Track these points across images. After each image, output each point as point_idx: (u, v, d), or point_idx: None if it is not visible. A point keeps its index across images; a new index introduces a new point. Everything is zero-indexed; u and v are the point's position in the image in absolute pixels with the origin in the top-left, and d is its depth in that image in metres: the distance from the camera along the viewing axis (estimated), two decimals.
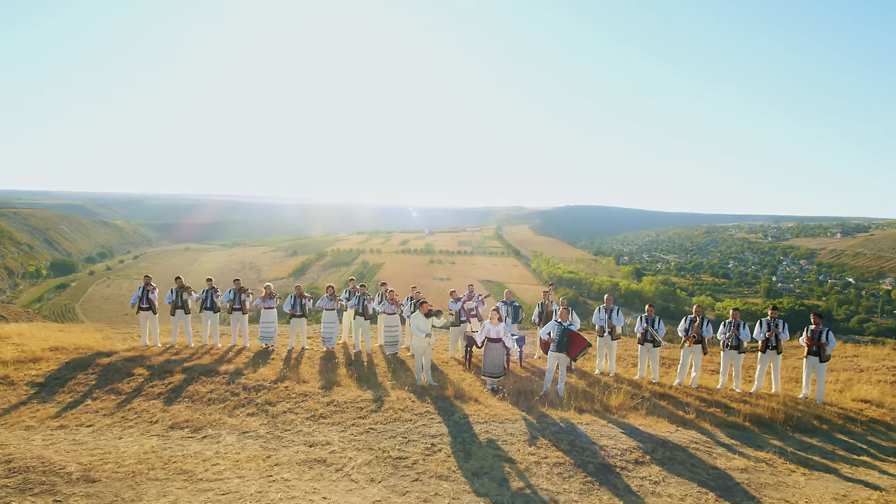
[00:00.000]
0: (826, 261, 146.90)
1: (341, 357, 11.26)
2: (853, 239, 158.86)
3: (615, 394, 8.42)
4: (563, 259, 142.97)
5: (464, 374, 10.21)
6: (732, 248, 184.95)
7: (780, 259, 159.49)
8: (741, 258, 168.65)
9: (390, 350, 11.85)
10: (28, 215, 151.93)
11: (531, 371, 10.86)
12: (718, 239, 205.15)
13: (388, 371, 10.09)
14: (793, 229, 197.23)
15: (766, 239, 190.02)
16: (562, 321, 8.94)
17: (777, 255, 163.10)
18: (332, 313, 12.26)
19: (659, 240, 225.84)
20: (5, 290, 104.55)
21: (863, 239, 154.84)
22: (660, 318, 10.09)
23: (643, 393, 9.03)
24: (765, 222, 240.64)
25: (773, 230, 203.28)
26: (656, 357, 10.16)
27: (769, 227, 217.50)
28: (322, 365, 10.29)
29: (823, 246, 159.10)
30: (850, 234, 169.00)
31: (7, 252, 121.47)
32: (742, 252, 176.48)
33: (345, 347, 12.46)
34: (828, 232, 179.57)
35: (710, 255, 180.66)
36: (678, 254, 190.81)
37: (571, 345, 8.61)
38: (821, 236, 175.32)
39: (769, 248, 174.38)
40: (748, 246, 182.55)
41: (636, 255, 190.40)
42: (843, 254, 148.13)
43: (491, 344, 8.91)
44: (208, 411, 7.46)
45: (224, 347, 11.92)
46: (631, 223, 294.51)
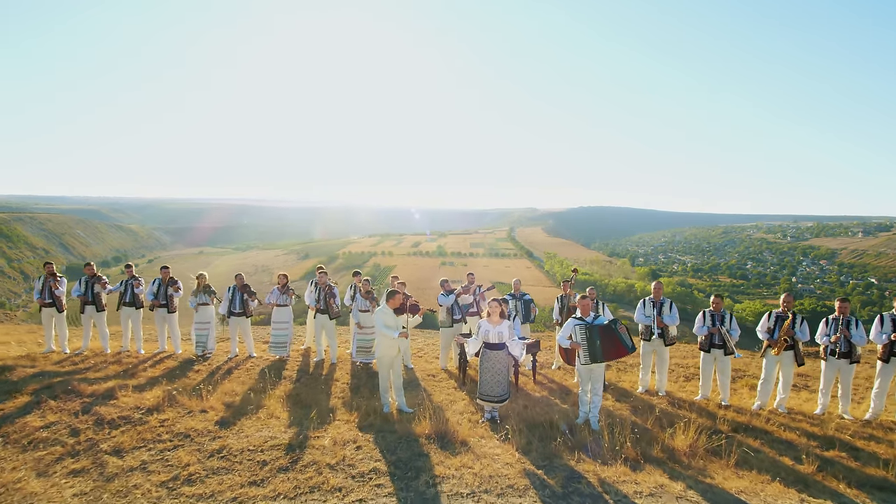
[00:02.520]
0: (847, 261, 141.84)
1: (293, 369, 8.46)
2: (875, 238, 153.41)
3: (680, 428, 5.43)
4: (578, 261, 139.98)
5: (455, 393, 7.38)
6: (750, 249, 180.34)
7: (800, 259, 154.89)
8: (759, 259, 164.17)
9: (362, 358, 9.01)
10: (44, 220, 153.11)
11: (548, 387, 7.91)
12: (736, 239, 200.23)
13: (348, 390, 7.22)
14: (812, 229, 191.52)
15: (784, 239, 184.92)
16: (584, 316, 6.00)
17: (797, 256, 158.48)
18: (284, 311, 9.44)
19: (675, 241, 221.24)
20: (20, 294, 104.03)
21: (885, 238, 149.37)
22: (732, 315, 7.11)
23: (718, 425, 6.02)
24: (783, 222, 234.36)
25: (791, 230, 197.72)
26: (727, 369, 7.26)
27: (788, 226, 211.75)
28: (257, 381, 7.50)
29: (844, 246, 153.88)
30: (871, 233, 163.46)
31: (23, 256, 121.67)
32: (760, 252, 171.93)
33: (307, 355, 9.62)
34: (849, 231, 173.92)
35: (728, 256, 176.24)
36: (695, 255, 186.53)
37: (608, 346, 5.74)
38: (841, 236, 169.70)
39: (788, 248, 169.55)
40: (766, 246, 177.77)
41: (651, 257, 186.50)
42: (865, 254, 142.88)
43: (490, 353, 6.05)
44: (10, 464, 4.60)
45: (147, 354, 9.24)
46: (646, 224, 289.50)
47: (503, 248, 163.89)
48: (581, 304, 6.33)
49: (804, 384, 8.95)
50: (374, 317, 6.58)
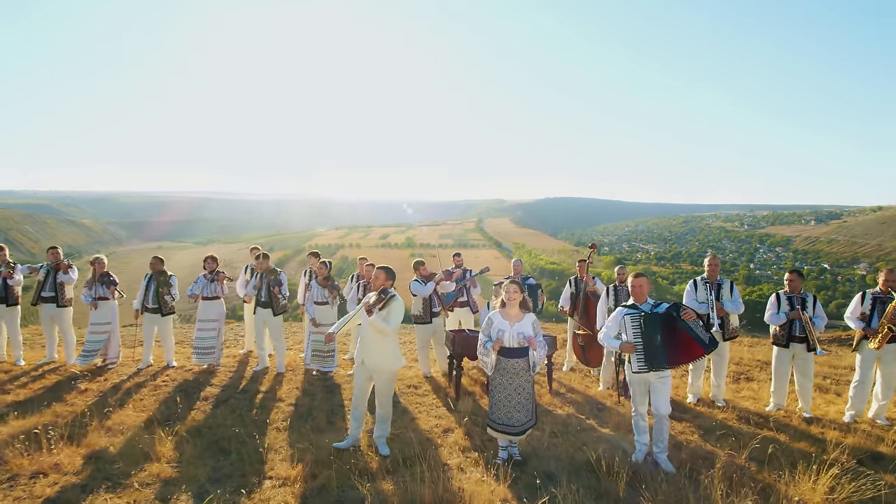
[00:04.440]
0: (801, 247, 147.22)
1: (220, 384, 6.19)
2: (827, 226, 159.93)
3: (801, 468, 3.50)
4: (545, 250, 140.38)
5: (447, 415, 5.20)
6: (710, 237, 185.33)
7: (757, 247, 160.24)
8: (719, 246, 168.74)
9: (319, 366, 6.82)
10: None
11: (570, 399, 5.92)
12: (696, 228, 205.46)
13: (294, 415, 5.05)
14: (768, 217, 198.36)
15: (742, 227, 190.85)
16: (639, 303, 3.98)
17: (754, 243, 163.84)
18: (213, 306, 7.12)
19: (638, 230, 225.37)
20: None
21: (836, 226, 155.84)
22: (816, 299, 5.25)
23: (832, 452, 4.12)
24: (741, 211, 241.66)
25: (748, 219, 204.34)
26: (809, 370, 5.42)
27: (745, 215, 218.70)
28: (164, 405, 5.21)
29: (798, 233, 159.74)
30: (823, 221, 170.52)
31: None
32: (720, 240, 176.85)
33: (246, 363, 7.34)
34: (802, 219, 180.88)
35: (689, 244, 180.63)
36: (657, 243, 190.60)
37: (674, 344, 4.12)
38: (795, 224, 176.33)
39: (746, 236, 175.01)
40: (725, 234, 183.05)
41: (616, 246, 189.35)
42: (818, 240, 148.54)
43: (506, 363, 4.01)
44: None
45: (28, 366, 6.86)
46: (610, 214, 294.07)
47: (472, 239, 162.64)
48: (635, 287, 4.30)
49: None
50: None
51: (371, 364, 4.40)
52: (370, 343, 4.36)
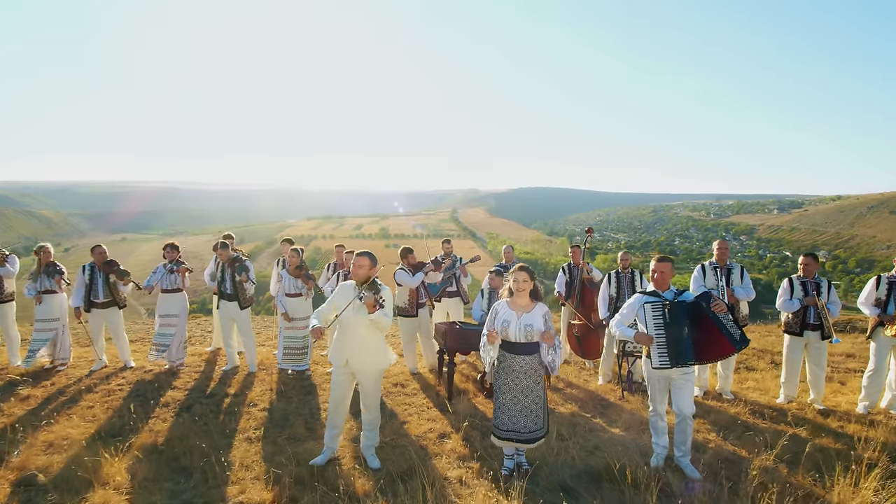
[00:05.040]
0: (765, 236, 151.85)
1: (185, 386, 5.54)
2: (789, 214, 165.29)
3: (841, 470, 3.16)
4: (519, 240, 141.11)
5: (440, 417, 4.69)
6: (678, 226, 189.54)
7: (723, 235, 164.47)
8: (686, 235, 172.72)
9: (293, 365, 6.21)
10: None
11: (571, 396, 5.49)
12: (665, 217, 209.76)
13: (267, 422, 4.46)
14: (733, 207, 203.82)
15: (709, 216, 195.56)
16: (661, 290, 3.60)
17: (719, 232, 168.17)
18: (174, 299, 6.42)
19: (608, 219, 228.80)
20: None
21: (798, 214, 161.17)
22: (831, 285, 4.94)
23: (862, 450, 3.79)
24: (707, 200, 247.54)
25: (714, 208, 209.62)
26: (823, 358, 5.13)
27: (711, 205, 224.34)
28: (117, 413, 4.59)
29: (762, 222, 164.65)
30: (785, 209, 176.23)
31: None
32: (687, 229, 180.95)
33: (214, 361, 6.69)
34: (765, 208, 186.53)
35: (658, 233, 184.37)
36: (627, 232, 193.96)
37: (703, 339, 3.68)
38: (759, 212, 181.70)
39: (712, 224, 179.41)
40: (692, 223, 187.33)
41: None
42: (780, 229, 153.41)
43: (512, 359, 3.61)
44: None
45: None
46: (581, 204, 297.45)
47: (447, 229, 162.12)
48: (657, 272, 3.84)
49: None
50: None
51: (357, 364, 3.83)
52: (355, 340, 3.79)
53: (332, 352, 3.94)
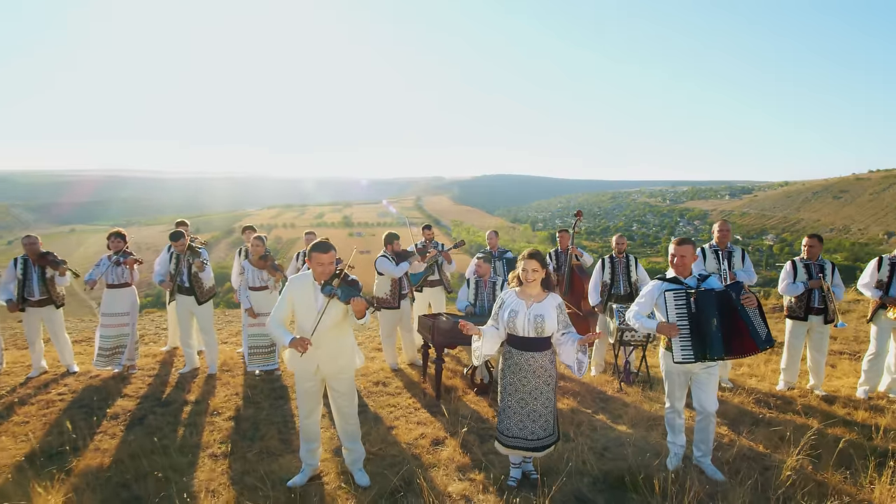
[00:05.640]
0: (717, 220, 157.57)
1: (137, 393, 4.90)
2: (740, 200, 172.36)
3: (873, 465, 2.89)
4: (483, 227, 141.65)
5: (431, 420, 4.22)
6: (636, 212, 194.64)
7: (678, 220, 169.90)
8: (643, 221, 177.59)
9: (260, 365, 5.60)
10: None
11: (568, 390, 5.15)
12: (623, 203, 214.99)
13: (233, 433, 3.90)
14: (687, 193, 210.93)
15: (664, 202, 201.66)
16: (682, 276, 3.39)
17: (674, 217, 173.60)
18: (122, 295, 5.69)
19: (569, 206, 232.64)
20: None
21: (748, 200, 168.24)
22: (834, 267, 4.74)
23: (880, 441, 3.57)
24: (663, 187, 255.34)
25: (670, 194, 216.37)
26: (824, 344, 4.95)
27: (667, 191, 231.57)
28: (55, 429, 3.92)
29: (714, 207, 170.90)
30: (736, 195, 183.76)
31: None
32: (644, 215, 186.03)
33: (170, 362, 5.99)
34: (718, 194, 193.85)
35: (616, 219, 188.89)
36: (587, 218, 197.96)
37: (730, 332, 3.32)
38: (712, 198, 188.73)
39: (668, 210, 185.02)
40: (649, 209, 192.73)
41: (550, 221, 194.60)
42: (732, 214, 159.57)
43: (520, 356, 3.27)
44: None
45: None
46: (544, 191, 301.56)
47: (411, 217, 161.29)
48: (678, 255, 3.47)
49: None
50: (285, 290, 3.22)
51: (331, 369, 3.27)
52: (326, 342, 3.21)
53: (292, 358, 3.29)
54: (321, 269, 3.13)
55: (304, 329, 3.18)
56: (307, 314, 3.18)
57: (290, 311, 3.25)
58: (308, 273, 3.25)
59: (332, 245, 3.20)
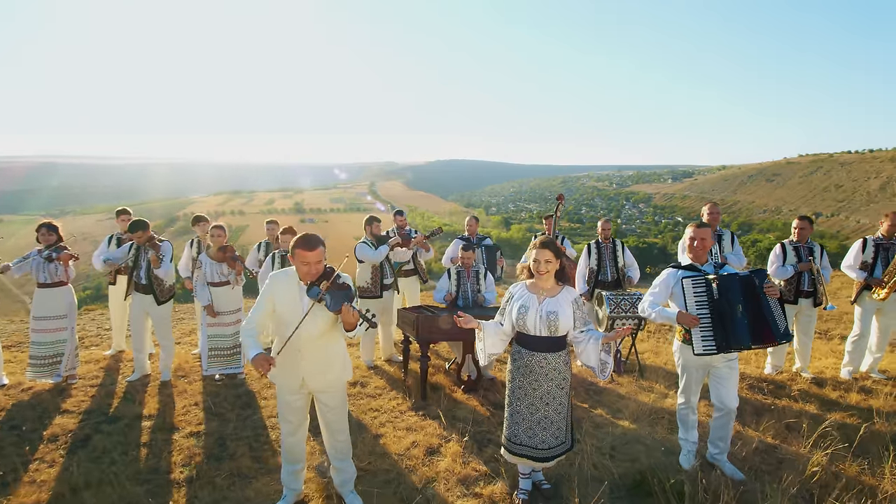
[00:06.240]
0: (660, 203, 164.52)
1: (79, 406, 4.28)
2: (681, 183, 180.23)
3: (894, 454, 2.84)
4: (438, 212, 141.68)
5: (421, 423, 3.86)
6: (584, 196, 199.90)
7: (623, 203, 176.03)
8: (591, 204, 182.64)
9: (221, 369, 5.06)
10: None
11: None
12: (573, 188, 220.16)
13: (196, 450, 3.37)
14: (633, 177, 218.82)
15: (611, 186, 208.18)
16: (698, 262, 3.23)
17: (620, 200, 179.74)
18: (56, 295, 4.95)
19: (522, 191, 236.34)
20: None
21: (689, 183, 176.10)
22: (823, 249, 4.70)
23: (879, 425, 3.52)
24: (610, 171, 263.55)
25: (616, 178, 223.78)
26: (811, 327, 4.94)
27: (613, 175, 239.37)
28: None
29: (658, 191, 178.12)
30: (678, 179, 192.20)
31: None
32: (592, 199, 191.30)
33: (115, 368, 5.32)
34: (660, 178, 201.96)
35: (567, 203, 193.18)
36: (539, 203, 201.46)
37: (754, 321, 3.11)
38: (655, 182, 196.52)
39: (614, 194, 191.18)
40: (597, 193, 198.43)
41: (503, 206, 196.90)
42: (674, 197, 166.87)
43: (532, 357, 2.93)
44: None
45: None
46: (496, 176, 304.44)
47: (365, 203, 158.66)
48: (696, 239, 3.22)
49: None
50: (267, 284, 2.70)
51: (319, 383, 2.82)
52: (313, 353, 2.76)
53: (274, 370, 2.81)
54: (306, 270, 2.65)
55: (285, 336, 2.72)
56: (290, 318, 2.71)
57: (269, 315, 2.77)
58: (291, 270, 2.78)
59: (320, 240, 2.71)
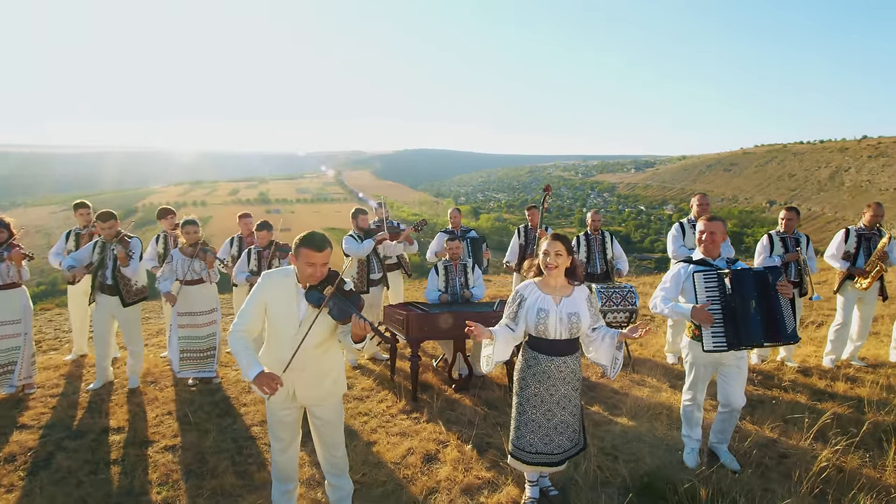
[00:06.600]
0: (623, 193, 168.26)
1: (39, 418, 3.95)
2: (644, 173, 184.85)
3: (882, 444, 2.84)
4: (407, 202, 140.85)
5: (411, 430, 3.63)
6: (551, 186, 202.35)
7: (589, 193, 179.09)
8: (558, 193, 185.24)
9: (194, 372, 4.74)
10: None
11: None
12: (540, 177, 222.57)
13: (172, 465, 3.10)
14: (598, 166, 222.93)
15: (577, 176, 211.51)
16: (711, 257, 3.20)
17: (586, 190, 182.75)
18: (7, 299, 4.53)
19: (490, 180, 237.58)
20: None
21: (651, 173, 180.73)
22: (809, 240, 4.74)
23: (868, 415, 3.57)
24: (576, 161, 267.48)
25: (582, 168, 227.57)
26: (797, 316, 4.85)
27: (579, 165, 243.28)
28: None
29: (621, 180, 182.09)
30: (641, 169, 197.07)
31: None
32: (559, 188, 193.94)
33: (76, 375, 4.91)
34: (624, 168, 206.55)
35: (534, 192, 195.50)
36: (507, 192, 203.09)
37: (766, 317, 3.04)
38: (619, 172, 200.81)
39: (580, 183, 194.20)
40: (563, 182, 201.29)
41: (472, 196, 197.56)
42: (637, 186, 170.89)
43: (548, 361, 2.77)
44: None
45: None
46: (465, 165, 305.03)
47: (332, 193, 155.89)
48: (707, 233, 3.14)
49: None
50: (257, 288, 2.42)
51: (313, 396, 2.58)
52: (303, 363, 2.49)
53: None
54: (310, 272, 2.40)
55: (279, 346, 2.47)
56: (284, 324, 2.46)
57: (261, 318, 2.52)
58: (289, 269, 2.53)
59: (328, 240, 2.46)
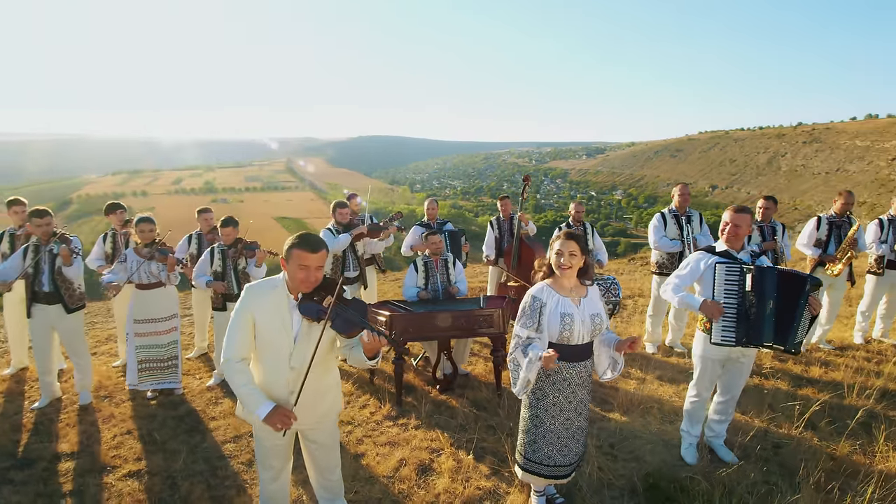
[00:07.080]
0: (575, 179, 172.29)
1: None
2: (594, 160, 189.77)
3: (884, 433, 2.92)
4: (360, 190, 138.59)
5: (400, 438, 3.40)
6: (506, 172, 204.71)
7: (542, 179, 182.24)
8: (513, 180, 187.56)
9: (154, 384, 4.30)
10: None
11: None
12: (494, 164, 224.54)
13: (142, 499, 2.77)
14: (551, 153, 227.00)
15: (531, 162, 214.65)
16: (734, 248, 3.12)
17: (539, 176, 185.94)
18: None
19: (445, 167, 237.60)
20: None
21: (601, 159, 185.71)
22: (784, 228, 4.85)
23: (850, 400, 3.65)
24: (530, 148, 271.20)
25: (536, 155, 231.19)
26: None
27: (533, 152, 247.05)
28: None
29: (573, 167, 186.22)
30: (592, 155, 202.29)
31: None
32: (513, 175, 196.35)
33: (16, 393, 4.36)
34: (576, 154, 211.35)
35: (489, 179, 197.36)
36: (462, 179, 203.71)
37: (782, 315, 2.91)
38: (571, 158, 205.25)
39: (534, 170, 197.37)
40: (518, 169, 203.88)
41: (427, 183, 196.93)
42: (588, 172, 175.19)
43: (570, 370, 2.60)
44: None
45: None
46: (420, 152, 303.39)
47: (283, 181, 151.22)
48: (732, 224, 3.02)
49: None
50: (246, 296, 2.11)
51: (309, 418, 2.33)
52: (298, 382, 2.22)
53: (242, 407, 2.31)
54: (303, 277, 2.12)
55: (273, 368, 2.18)
56: (278, 343, 2.17)
57: (251, 339, 2.21)
58: (276, 279, 2.22)
59: (322, 240, 2.18)
